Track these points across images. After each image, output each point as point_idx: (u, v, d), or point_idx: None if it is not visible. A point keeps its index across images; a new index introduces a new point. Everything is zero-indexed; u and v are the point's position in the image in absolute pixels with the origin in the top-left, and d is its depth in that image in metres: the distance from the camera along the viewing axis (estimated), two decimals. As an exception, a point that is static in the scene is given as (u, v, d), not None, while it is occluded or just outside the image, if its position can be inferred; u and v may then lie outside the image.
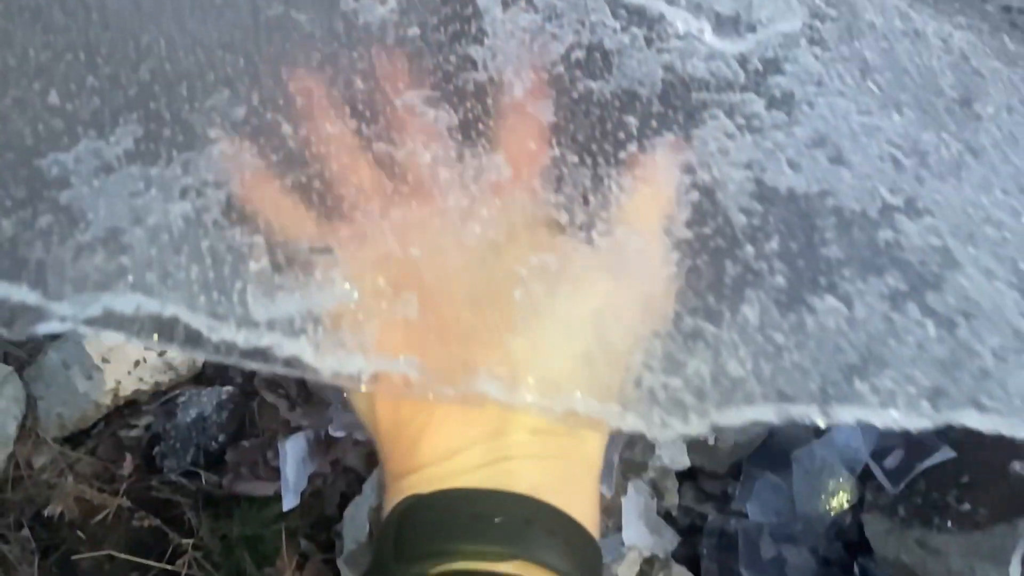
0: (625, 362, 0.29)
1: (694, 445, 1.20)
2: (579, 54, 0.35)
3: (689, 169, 0.33)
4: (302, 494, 1.15)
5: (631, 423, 0.29)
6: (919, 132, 0.34)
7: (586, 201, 0.32)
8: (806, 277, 0.30)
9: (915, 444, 1.19)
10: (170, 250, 0.31)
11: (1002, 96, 0.36)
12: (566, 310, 0.29)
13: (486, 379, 0.29)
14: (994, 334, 0.29)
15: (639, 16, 0.36)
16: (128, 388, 1.17)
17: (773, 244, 0.32)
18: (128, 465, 1.16)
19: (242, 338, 0.29)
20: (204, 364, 1.27)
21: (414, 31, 0.35)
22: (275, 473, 1.17)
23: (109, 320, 0.30)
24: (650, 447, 1.12)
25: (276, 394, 1.29)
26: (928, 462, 1.16)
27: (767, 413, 0.29)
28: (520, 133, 0.32)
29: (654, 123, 0.34)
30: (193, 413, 1.21)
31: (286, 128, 0.33)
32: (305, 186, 0.32)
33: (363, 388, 0.29)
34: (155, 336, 0.29)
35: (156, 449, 1.18)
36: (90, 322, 0.29)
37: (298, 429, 1.19)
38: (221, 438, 1.21)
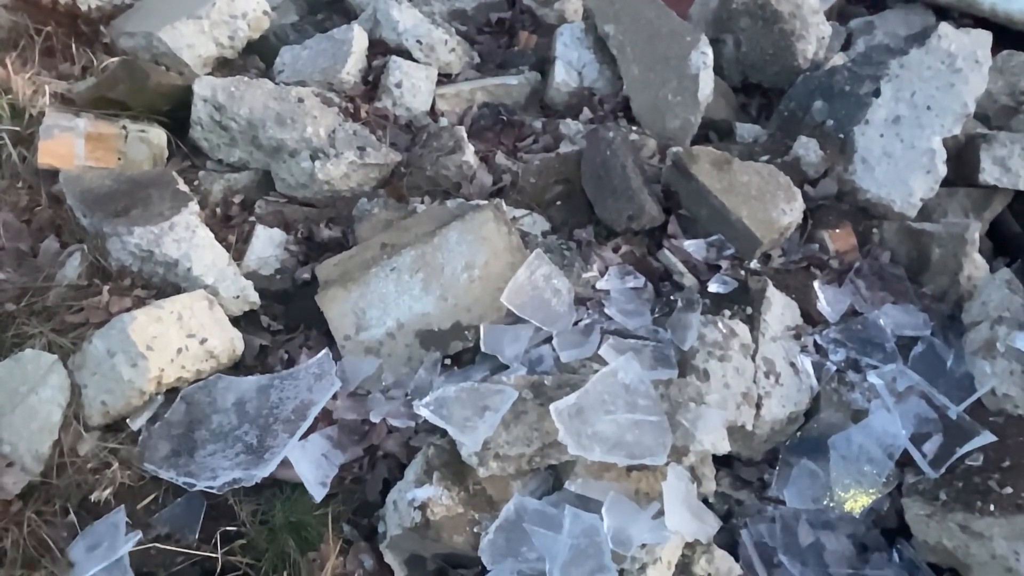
0: None
1: (731, 432, 1.20)
2: None
3: None
4: (343, 480, 1.16)
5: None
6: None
7: None
8: None
9: (954, 428, 1.19)
10: None
11: None
12: None
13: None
14: None
15: None
16: (170, 376, 1.18)
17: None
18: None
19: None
20: (243, 353, 1.28)
21: None
22: (318, 459, 1.18)
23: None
24: (690, 432, 1.12)
25: (315, 383, 1.29)
26: (968, 446, 1.15)
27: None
28: None
29: None
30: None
31: None
32: None
33: None
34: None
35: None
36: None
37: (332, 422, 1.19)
38: (260, 426, 1.22)
